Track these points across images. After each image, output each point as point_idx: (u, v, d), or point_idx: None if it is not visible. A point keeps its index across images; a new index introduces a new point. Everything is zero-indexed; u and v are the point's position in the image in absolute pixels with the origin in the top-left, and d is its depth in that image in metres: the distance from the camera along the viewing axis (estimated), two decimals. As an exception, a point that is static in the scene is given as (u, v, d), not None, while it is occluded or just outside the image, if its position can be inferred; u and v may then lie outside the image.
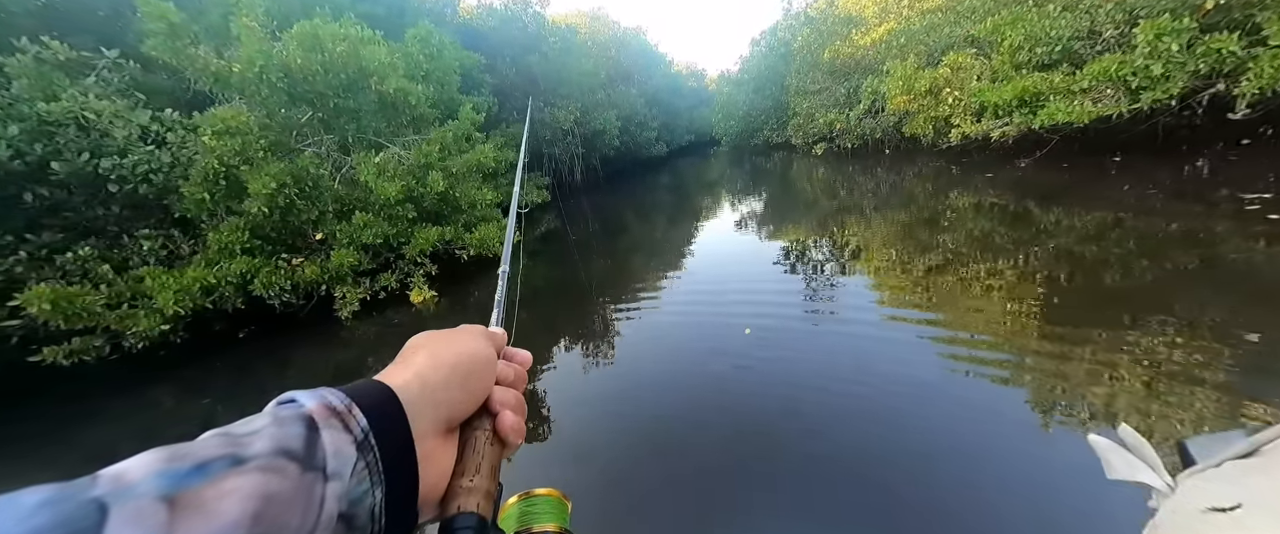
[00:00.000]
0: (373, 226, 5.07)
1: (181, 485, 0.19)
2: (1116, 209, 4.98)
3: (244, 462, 0.21)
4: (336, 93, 5.38)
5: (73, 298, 3.62)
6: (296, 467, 0.22)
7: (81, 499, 0.17)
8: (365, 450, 0.25)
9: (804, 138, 15.38)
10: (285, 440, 0.23)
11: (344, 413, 0.25)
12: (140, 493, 0.18)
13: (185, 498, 0.19)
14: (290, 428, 0.23)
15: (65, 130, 4.93)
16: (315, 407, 0.25)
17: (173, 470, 0.19)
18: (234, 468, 0.20)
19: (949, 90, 8.45)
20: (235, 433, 0.23)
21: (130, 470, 0.19)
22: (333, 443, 0.24)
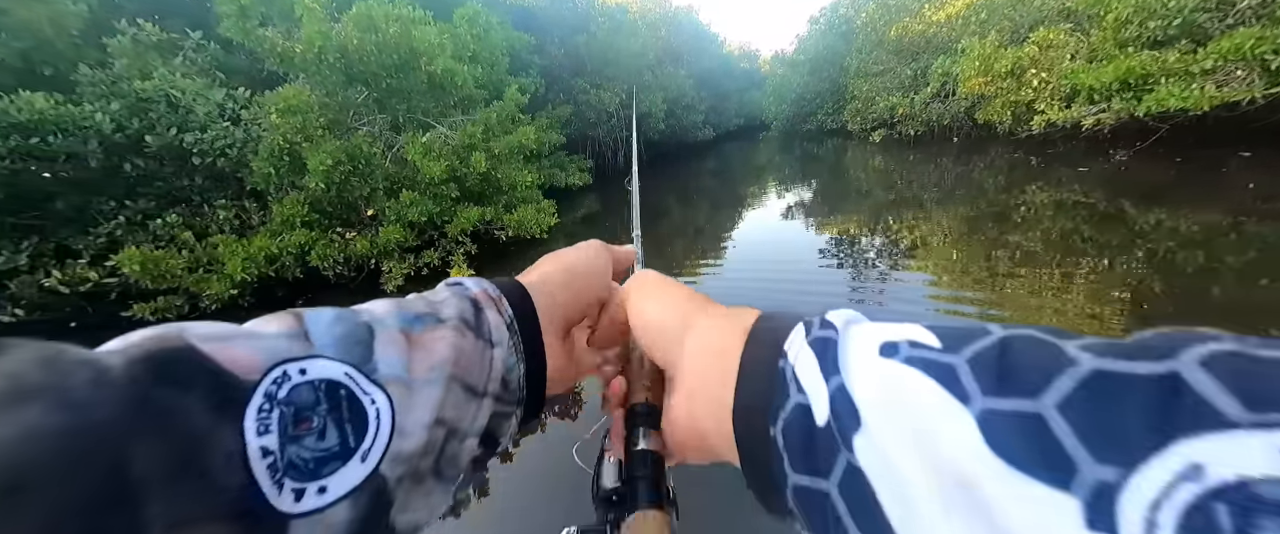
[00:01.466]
0: (418, 205, 5.25)
1: (411, 326, 0.26)
2: (1235, 212, 4.27)
3: (443, 321, 0.27)
4: (389, 73, 5.55)
5: (159, 261, 4.00)
6: (473, 333, 0.28)
7: (357, 321, 0.24)
8: (512, 332, 0.30)
9: (861, 123, 14.42)
10: (464, 311, 0.28)
11: (497, 300, 0.30)
12: (389, 324, 0.25)
13: (414, 336, 0.25)
14: (464, 304, 0.29)
15: (157, 106, 5.43)
16: (478, 292, 0.30)
17: (403, 313, 0.26)
18: (437, 324, 0.27)
19: (1035, 71, 7.54)
20: (432, 299, 0.29)
21: (377, 308, 0.26)
22: (493, 320, 0.29)
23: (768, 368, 0.23)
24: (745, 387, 0.24)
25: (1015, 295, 3.53)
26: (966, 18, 10.29)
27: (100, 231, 5.09)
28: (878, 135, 13.56)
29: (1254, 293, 3.02)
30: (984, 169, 8.35)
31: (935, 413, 0.16)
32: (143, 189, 5.60)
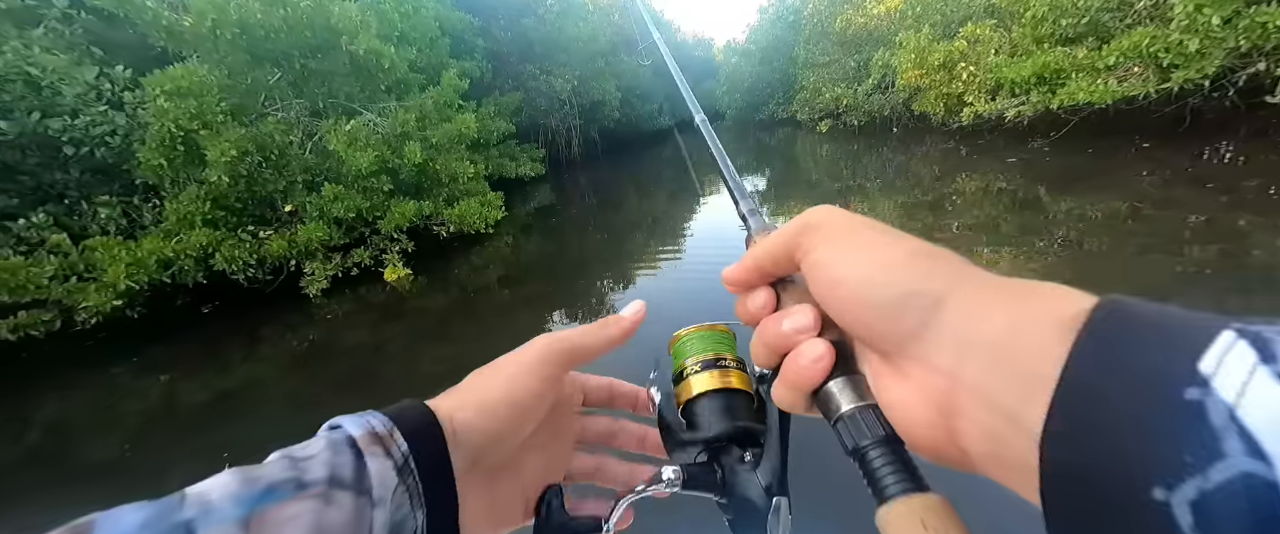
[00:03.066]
0: (344, 200, 4.80)
1: (255, 508, 0.20)
2: (1135, 198, 4.67)
3: (305, 487, 0.22)
4: (304, 53, 5.01)
5: (14, 269, 3.40)
6: (349, 494, 0.23)
7: (174, 521, 0.19)
8: (405, 474, 0.25)
9: (809, 113, 14.81)
10: (337, 467, 0.23)
11: (385, 437, 0.25)
12: (222, 517, 0.19)
13: (257, 520, 0.20)
14: (340, 455, 0.24)
15: (12, 86, 4.62)
16: (361, 434, 0.25)
17: (247, 494, 0.21)
18: (297, 493, 0.21)
19: (964, 65, 7.95)
20: (296, 456, 0.23)
21: (211, 491, 0.20)
22: (377, 469, 0.24)
23: (1143, 396, 0.14)
24: (1087, 418, 0.15)
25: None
26: (903, 11, 10.71)
27: (-55, 235, 4.29)
28: (825, 125, 13.97)
29: (1151, 273, 3.30)
30: (920, 159, 8.78)
31: None
32: (2, 184, 4.78)
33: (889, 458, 0.21)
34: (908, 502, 0.20)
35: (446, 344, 3.95)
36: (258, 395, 3.58)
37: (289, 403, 3.46)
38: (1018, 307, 0.19)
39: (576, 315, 4.30)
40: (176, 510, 0.19)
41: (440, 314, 4.57)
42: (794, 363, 0.24)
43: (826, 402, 0.24)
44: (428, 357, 3.78)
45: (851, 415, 0.23)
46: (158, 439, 3.14)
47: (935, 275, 0.21)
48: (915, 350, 0.21)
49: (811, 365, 0.24)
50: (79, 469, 2.99)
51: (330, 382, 3.62)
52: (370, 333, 4.37)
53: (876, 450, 0.21)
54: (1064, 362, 0.16)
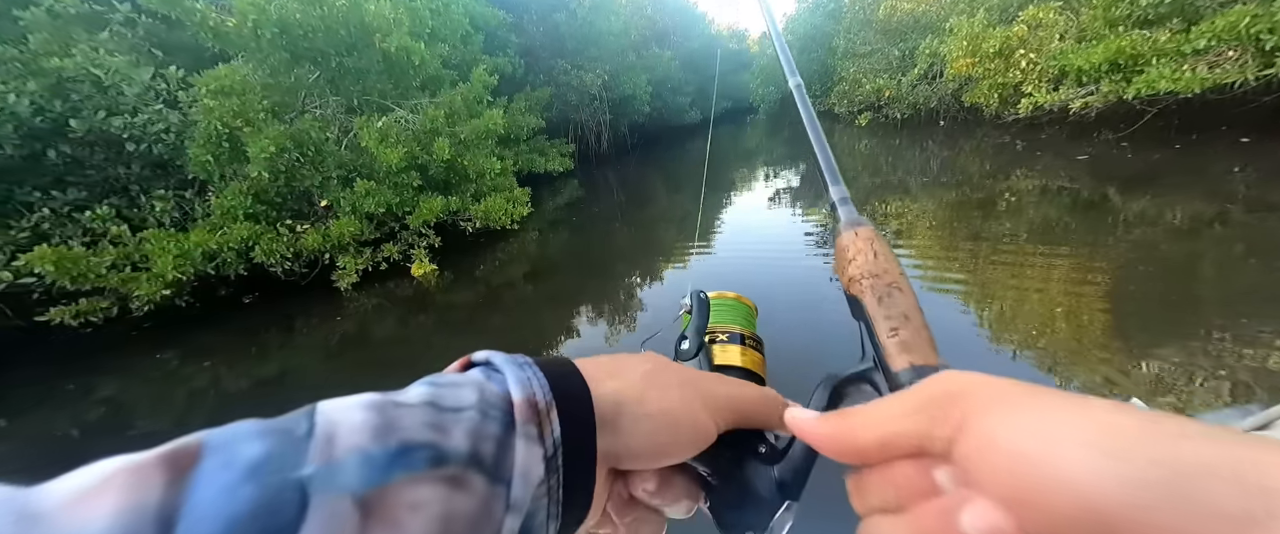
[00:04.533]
0: (375, 195, 4.91)
1: (382, 479, 0.16)
2: (1223, 199, 4.15)
3: (443, 460, 0.18)
4: (340, 51, 5.12)
5: (75, 259, 3.64)
6: (483, 481, 0.19)
7: (290, 478, 0.15)
8: (551, 471, 0.20)
9: (848, 106, 14.17)
10: (482, 439, 0.19)
11: (543, 415, 0.21)
12: (342, 485, 0.16)
13: (379, 502, 0.16)
14: (489, 422, 0.20)
15: (81, 87, 4.95)
16: (520, 398, 0.21)
17: (379, 453, 0.17)
18: (432, 469, 0.17)
19: (1023, 52, 7.32)
20: (443, 402, 0.19)
21: (340, 433, 0.17)
22: (525, 458, 0.20)
23: None
24: None
25: (997, 280, 3.49)
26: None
27: (23, 225, 4.67)
28: (864, 118, 13.34)
29: (1237, 283, 2.90)
30: (969, 153, 8.22)
31: None
32: (72, 178, 5.15)
33: None
34: None
35: (472, 337, 3.99)
36: (294, 382, 3.72)
37: (323, 390, 3.55)
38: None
39: (603, 311, 4.26)
40: (298, 453, 0.16)
41: (466, 309, 4.62)
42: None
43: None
44: (455, 349, 3.79)
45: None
46: (203, 420, 3.29)
47: (1160, 447, 0.14)
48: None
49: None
50: (136, 443, 3.18)
51: (361, 371, 3.73)
52: (398, 325, 4.47)
53: None
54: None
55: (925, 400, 0.19)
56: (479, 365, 0.23)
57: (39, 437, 3.23)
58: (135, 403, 3.62)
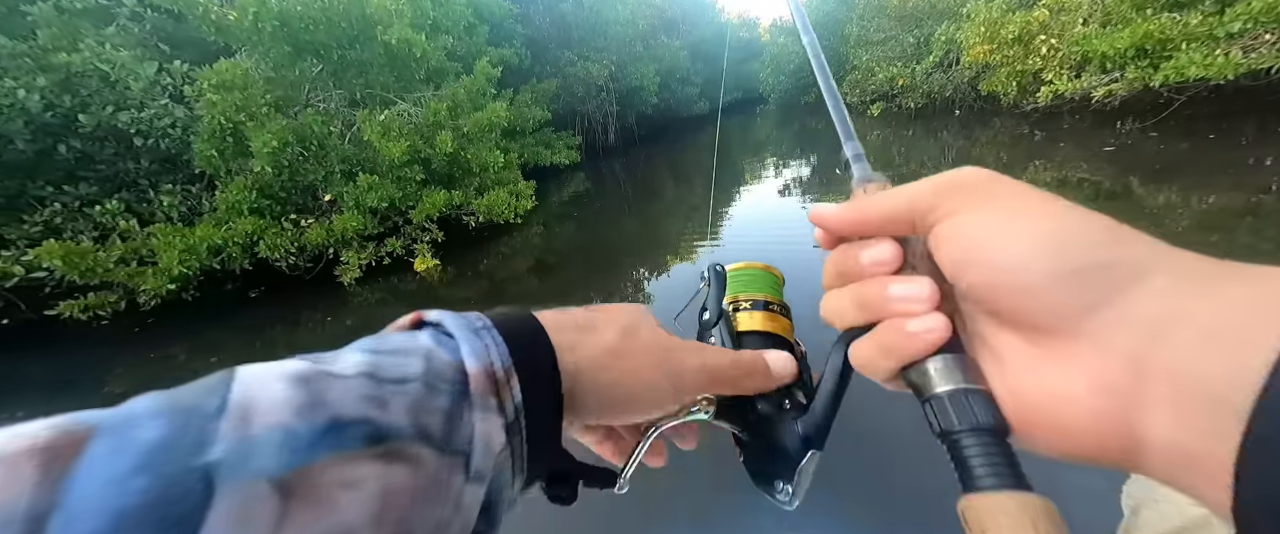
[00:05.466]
0: (378, 189, 4.89)
1: (305, 459, 0.15)
2: (1256, 191, 3.95)
3: (382, 437, 0.16)
4: (341, 44, 5.09)
5: (83, 254, 3.68)
6: (434, 454, 0.18)
7: (191, 465, 0.14)
8: (513, 434, 0.20)
9: (860, 96, 13.85)
10: (426, 417, 0.18)
11: (502, 384, 0.20)
12: (255, 470, 0.14)
13: (302, 482, 0.15)
14: (437, 397, 0.18)
15: (89, 82, 4.99)
16: (477, 371, 0.20)
17: (302, 432, 0.15)
18: (368, 446, 0.16)
19: (1044, 38, 7.04)
20: (382, 373, 0.18)
21: (258, 409, 0.15)
22: (484, 429, 0.19)
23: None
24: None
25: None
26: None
27: (35, 219, 4.74)
28: (877, 108, 13.04)
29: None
30: (985, 144, 7.97)
31: None
32: (83, 173, 5.22)
33: (995, 448, 0.20)
34: (1016, 498, 0.18)
35: None
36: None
37: None
38: (1240, 286, 0.17)
39: (614, 297, 4.21)
40: (204, 433, 0.14)
41: (469, 304, 4.53)
42: (897, 331, 0.23)
43: (922, 377, 0.22)
44: None
45: (953, 395, 0.21)
46: None
47: (1133, 245, 0.19)
48: (1090, 328, 0.19)
49: (922, 337, 0.22)
50: None
51: None
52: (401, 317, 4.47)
53: (978, 437, 0.20)
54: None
55: (935, 187, 0.22)
56: (430, 326, 0.22)
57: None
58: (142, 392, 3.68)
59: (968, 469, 0.19)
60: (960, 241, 0.21)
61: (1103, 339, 0.18)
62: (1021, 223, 0.20)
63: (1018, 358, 0.21)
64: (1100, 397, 0.18)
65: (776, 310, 0.36)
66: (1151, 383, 0.17)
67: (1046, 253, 0.19)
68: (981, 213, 0.21)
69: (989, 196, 0.22)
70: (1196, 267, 0.18)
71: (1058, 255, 0.19)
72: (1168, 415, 0.17)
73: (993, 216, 0.21)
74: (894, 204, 0.24)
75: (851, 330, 0.26)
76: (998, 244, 0.20)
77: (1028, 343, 0.21)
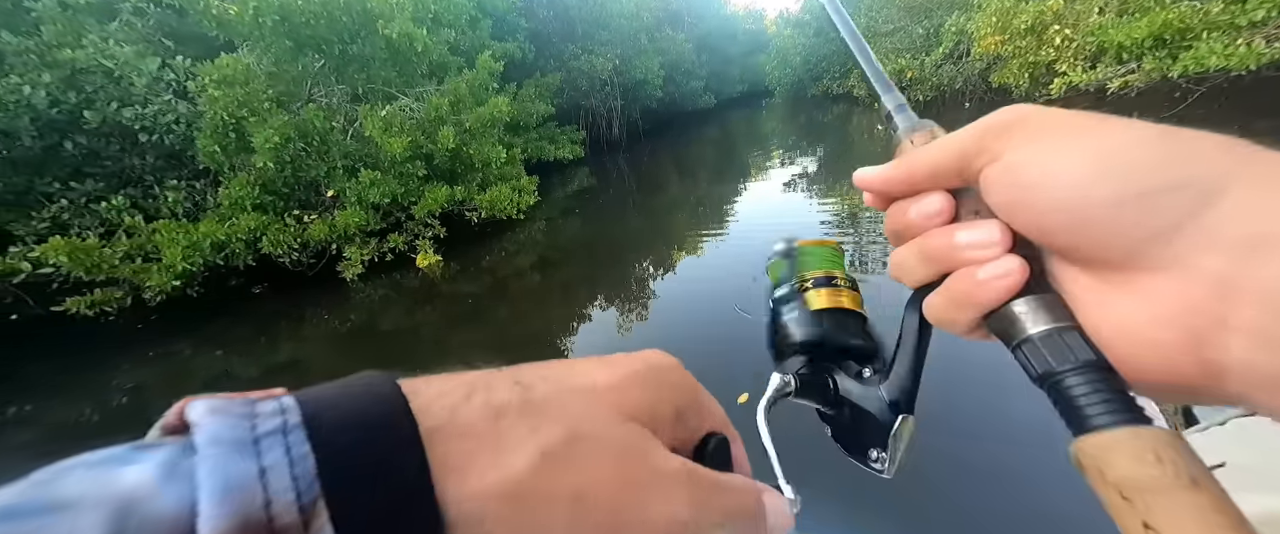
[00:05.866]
0: (380, 185, 4.87)
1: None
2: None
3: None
4: (342, 39, 5.05)
5: (88, 251, 3.70)
6: None
7: None
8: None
9: (867, 88, 13.64)
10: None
11: (284, 527, 0.11)
12: None
13: None
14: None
15: (93, 78, 4.99)
16: (224, 527, 0.10)
17: None
18: None
19: (1058, 28, 6.87)
20: None
21: None
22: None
23: None
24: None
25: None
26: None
27: (43, 215, 4.77)
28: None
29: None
30: (996, 138, 7.83)
31: None
32: (89, 169, 5.24)
33: (1101, 384, 0.18)
34: (1134, 433, 0.17)
35: (478, 329, 3.97)
36: (304, 372, 3.76)
37: (333, 379, 3.60)
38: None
39: (614, 300, 4.19)
40: None
41: (472, 300, 4.60)
42: (968, 279, 0.21)
43: (1008, 324, 0.21)
44: (461, 341, 3.82)
45: (1046, 337, 0.20)
46: None
47: (1202, 158, 0.17)
48: (1165, 255, 0.17)
49: (995, 282, 0.21)
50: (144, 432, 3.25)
51: (370, 362, 3.73)
52: (405, 316, 4.47)
53: (1081, 375, 0.19)
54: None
55: (979, 132, 0.21)
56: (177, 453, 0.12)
57: (62, 423, 3.32)
58: (152, 391, 3.71)
59: (1075, 411, 0.18)
60: (1008, 183, 0.20)
61: (1182, 266, 0.17)
62: (1070, 153, 0.19)
63: (1087, 294, 0.20)
64: (1171, 330, 0.17)
65: (841, 284, 0.34)
66: (1238, 307, 0.16)
67: (1103, 180, 0.18)
68: (1027, 149, 0.20)
69: (1035, 130, 0.20)
70: (1278, 173, 0.16)
71: (1116, 181, 0.18)
72: (1253, 339, 0.15)
73: (1039, 150, 0.20)
74: (938, 156, 0.23)
75: (923, 288, 0.24)
76: (1047, 179, 0.19)
77: (1096, 278, 0.20)
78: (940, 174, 0.23)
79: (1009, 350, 0.21)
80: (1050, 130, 0.20)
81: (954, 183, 0.23)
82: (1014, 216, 0.21)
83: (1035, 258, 0.21)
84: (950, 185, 0.23)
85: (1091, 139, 0.19)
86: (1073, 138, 0.19)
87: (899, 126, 0.29)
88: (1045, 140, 0.20)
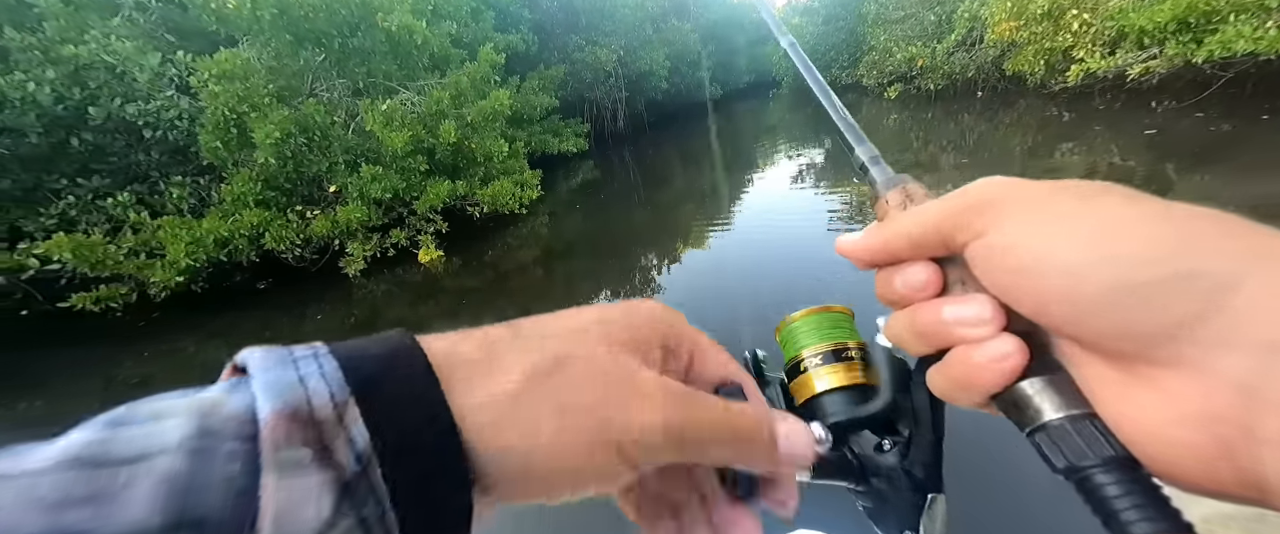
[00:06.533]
0: (382, 180, 4.85)
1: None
2: (1306, 176, 3.67)
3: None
4: (342, 32, 5.01)
5: (92, 247, 3.72)
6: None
7: None
8: (356, 496, 0.14)
9: (877, 77, 13.38)
10: (200, 496, 0.12)
11: (328, 422, 0.14)
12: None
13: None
14: (217, 463, 0.13)
15: (97, 74, 5.00)
16: (273, 414, 0.14)
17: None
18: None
19: (1075, 13, 6.64)
20: (109, 457, 0.12)
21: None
22: (285, 498, 0.13)
23: None
24: None
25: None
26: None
27: (51, 212, 4.82)
28: (894, 90, 12.58)
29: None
30: (1009, 127, 7.64)
31: None
32: (96, 165, 5.28)
33: (1131, 485, 0.17)
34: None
35: (482, 323, 3.93)
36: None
37: None
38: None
39: (619, 295, 4.16)
40: None
41: (475, 295, 4.59)
42: (966, 362, 0.20)
43: (1019, 405, 0.19)
44: None
45: (1062, 427, 0.18)
46: None
47: (1207, 246, 0.16)
48: (1179, 353, 0.16)
49: (992, 367, 0.19)
50: None
51: None
52: (408, 311, 4.47)
53: (1110, 474, 0.17)
54: None
55: (956, 209, 0.20)
56: (235, 387, 0.15)
57: (71, 418, 3.36)
58: (158, 385, 3.71)
59: (1109, 513, 0.17)
60: (995, 266, 0.19)
61: (1199, 367, 0.15)
62: (1062, 235, 0.18)
63: (1103, 383, 0.18)
64: (1204, 429, 0.16)
65: (853, 356, 0.31)
66: (1265, 416, 0.14)
67: (1101, 269, 0.17)
68: (1013, 228, 0.19)
69: (1016, 207, 0.19)
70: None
71: (1116, 269, 0.16)
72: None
73: (1027, 230, 0.18)
74: (917, 230, 0.21)
75: (927, 358, 0.23)
76: (1039, 265, 0.18)
77: (1111, 367, 0.18)
78: (922, 246, 0.22)
79: (1022, 435, 0.19)
80: (1036, 207, 0.19)
81: (938, 253, 0.22)
82: (1008, 299, 0.19)
83: (1036, 333, 0.20)
84: (933, 255, 0.22)
85: (1084, 219, 0.17)
86: (1063, 217, 0.18)
87: (875, 180, 0.27)
88: (1032, 218, 0.18)
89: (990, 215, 0.19)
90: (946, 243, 0.21)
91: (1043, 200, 0.19)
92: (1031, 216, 0.18)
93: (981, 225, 0.19)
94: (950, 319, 0.20)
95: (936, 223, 0.21)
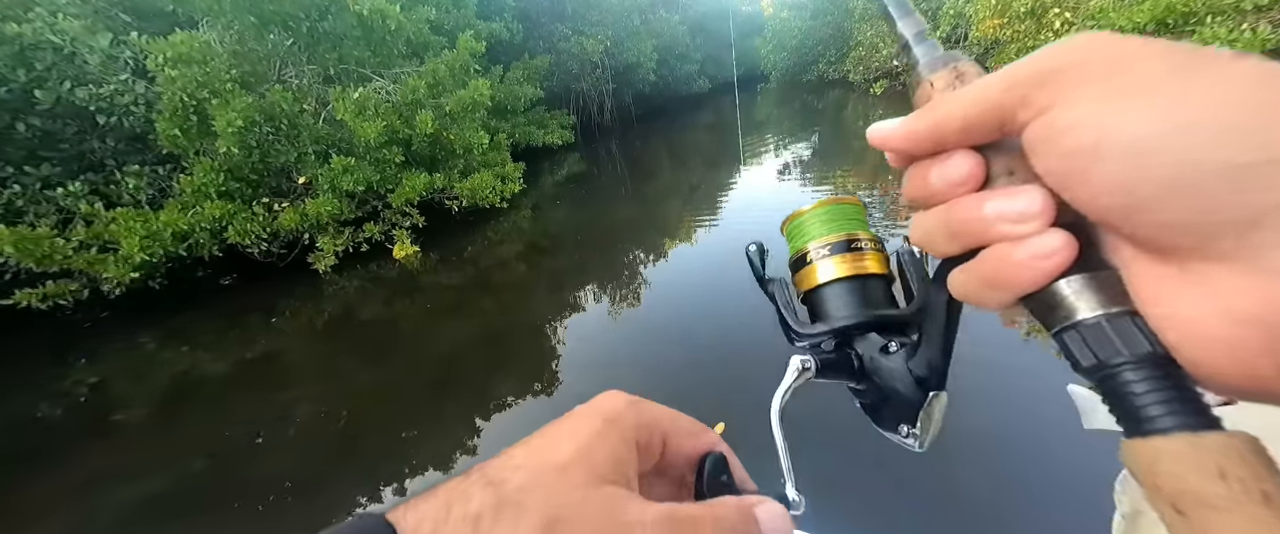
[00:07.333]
0: (354, 172, 4.65)
1: None
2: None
3: None
4: (311, 15, 4.76)
5: (37, 240, 3.47)
6: None
7: None
8: None
9: (863, 73, 13.45)
10: None
11: None
12: None
13: None
14: None
15: (43, 55, 4.68)
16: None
17: None
18: None
19: (1058, 11, 6.71)
20: None
21: None
22: None
23: None
24: None
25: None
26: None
27: (-5, 202, 4.51)
28: (880, 87, 12.65)
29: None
30: (992, 125, 7.72)
31: None
32: (45, 152, 4.95)
33: (1163, 381, 0.16)
34: (1196, 440, 0.15)
35: (462, 321, 3.84)
36: (279, 367, 3.62)
37: (308, 375, 3.48)
38: None
39: (604, 290, 4.07)
40: None
41: (453, 291, 4.44)
42: (1003, 259, 0.18)
43: (1050, 305, 0.18)
44: (442, 335, 3.70)
45: (1098, 323, 0.17)
46: (188, 404, 3.23)
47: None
48: (1243, 245, 0.14)
49: (1033, 265, 0.17)
50: (120, 427, 3.10)
51: (348, 356, 3.63)
52: (384, 308, 4.31)
53: (1140, 371, 0.16)
54: None
55: (1021, 78, 0.17)
56: None
57: (21, 421, 3.16)
58: (116, 386, 3.55)
59: (1131, 409, 0.16)
60: (1054, 150, 0.16)
61: (1263, 261, 0.14)
62: (1138, 112, 0.14)
63: (1147, 278, 0.17)
64: (1256, 326, 0.14)
65: (864, 246, 0.31)
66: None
67: (1179, 150, 0.14)
68: (1082, 105, 0.15)
69: (1097, 76, 0.15)
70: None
71: (1198, 152, 0.14)
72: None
73: (1098, 107, 0.15)
74: (974, 107, 0.18)
75: (951, 258, 0.21)
76: (1104, 150, 0.15)
77: (1158, 262, 0.16)
78: (974, 128, 0.18)
79: (1049, 334, 0.18)
80: (1116, 75, 0.15)
81: (991, 138, 0.19)
82: (1062, 187, 0.17)
83: (1084, 225, 0.18)
84: (985, 139, 0.19)
85: (1168, 94, 0.14)
86: (1145, 90, 0.15)
87: (919, 60, 0.22)
88: (1108, 91, 0.15)
89: (1060, 86, 0.16)
90: (1004, 123, 0.18)
91: (1126, 66, 0.15)
92: (1108, 87, 0.15)
93: (1047, 99, 0.16)
94: (992, 215, 0.18)
95: (999, 97, 0.17)
